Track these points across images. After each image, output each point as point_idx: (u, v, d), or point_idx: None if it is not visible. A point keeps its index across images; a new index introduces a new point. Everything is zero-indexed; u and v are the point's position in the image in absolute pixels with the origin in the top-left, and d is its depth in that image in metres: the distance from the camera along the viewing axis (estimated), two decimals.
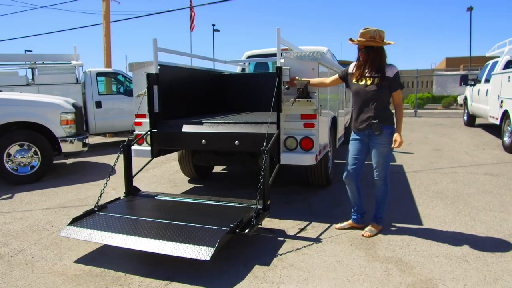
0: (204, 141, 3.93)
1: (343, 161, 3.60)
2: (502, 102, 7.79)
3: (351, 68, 3.42)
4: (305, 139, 3.72)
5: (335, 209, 4.11)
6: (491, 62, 10.17)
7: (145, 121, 4.21)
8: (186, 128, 4.05)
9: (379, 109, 3.22)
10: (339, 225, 3.56)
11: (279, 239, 3.32)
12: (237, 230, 2.91)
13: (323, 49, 6.47)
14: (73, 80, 8.67)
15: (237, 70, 7.52)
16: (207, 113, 5.29)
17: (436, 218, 3.76)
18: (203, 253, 2.58)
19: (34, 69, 8.86)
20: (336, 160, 5.67)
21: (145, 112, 4.12)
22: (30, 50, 14.41)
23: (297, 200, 4.45)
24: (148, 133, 4.11)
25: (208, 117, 4.44)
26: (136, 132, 4.28)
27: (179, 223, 3.05)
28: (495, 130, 9.75)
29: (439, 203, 4.24)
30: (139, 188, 4.01)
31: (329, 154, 4.72)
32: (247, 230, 2.92)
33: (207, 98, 5.48)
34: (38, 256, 3.07)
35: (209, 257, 2.54)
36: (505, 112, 7.55)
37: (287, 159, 3.76)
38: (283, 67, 3.65)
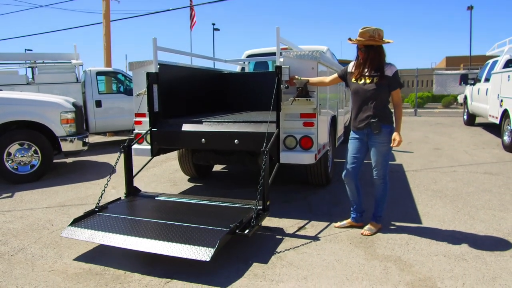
0: (203, 140, 3.93)
1: (343, 160, 3.61)
2: (501, 101, 7.80)
3: (350, 67, 3.42)
4: (304, 138, 3.73)
5: (334, 208, 4.11)
6: (491, 61, 10.17)
7: (145, 120, 4.21)
8: (186, 127, 4.05)
9: (378, 108, 3.22)
10: (338, 223, 3.57)
11: (279, 237, 3.33)
12: (237, 230, 2.92)
13: (323, 48, 6.48)
14: (73, 79, 8.67)
15: (237, 69, 7.52)
16: (207, 112, 5.29)
17: (435, 217, 3.77)
18: (203, 253, 2.59)
19: (34, 68, 8.86)
20: (335, 159, 5.67)
21: (145, 111, 4.12)
22: (30, 49, 14.39)
23: (296, 199, 4.46)
24: (148, 132, 4.12)
25: (208, 116, 4.45)
26: (136, 131, 4.29)
27: (180, 223, 3.06)
28: (495, 129, 9.76)
29: (438, 202, 4.25)
30: (139, 188, 4.02)
31: (328, 153, 4.72)
32: (247, 231, 2.93)
33: (207, 97, 5.48)
34: (38, 254, 3.08)
35: (209, 257, 2.55)
36: (505, 111, 7.55)
37: (286, 158, 3.76)
38: (282, 66, 3.66)
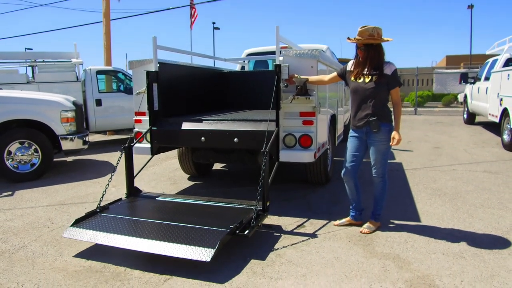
0: (203, 138, 3.94)
1: (342, 159, 3.62)
2: (501, 100, 7.80)
3: (350, 66, 3.43)
4: (304, 136, 3.74)
5: (333, 206, 4.13)
6: (491, 60, 10.17)
7: (145, 118, 4.22)
8: (186, 126, 4.06)
9: (377, 107, 3.23)
10: (337, 221, 3.58)
11: (278, 235, 3.34)
12: (237, 231, 2.94)
13: (323, 47, 6.48)
14: (73, 78, 8.67)
15: (236, 68, 7.53)
16: (206, 110, 5.30)
17: (434, 215, 3.78)
18: (203, 254, 2.61)
19: (35, 67, 8.88)
20: (335, 158, 5.69)
21: (145, 110, 4.13)
22: (31, 48, 14.38)
23: (296, 197, 4.47)
24: (148, 131, 4.13)
25: (208, 115, 4.45)
26: (136, 129, 4.30)
27: (180, 224, 3.07)
28: (494, 128, 9.77)
29: (437, 201, 4.26)
30: (139, 187, 4.04)
31: (328, 152, 4.73)
32: (246, 231, 2.95)
33: (206, 96, 5.49)
34: (38, 252, 3.09)
35: (209, 258, 2.57)
36: (505, 110, 7.56)
37: (286, 156, 3.77)
38: (282, 64, 3.66)
